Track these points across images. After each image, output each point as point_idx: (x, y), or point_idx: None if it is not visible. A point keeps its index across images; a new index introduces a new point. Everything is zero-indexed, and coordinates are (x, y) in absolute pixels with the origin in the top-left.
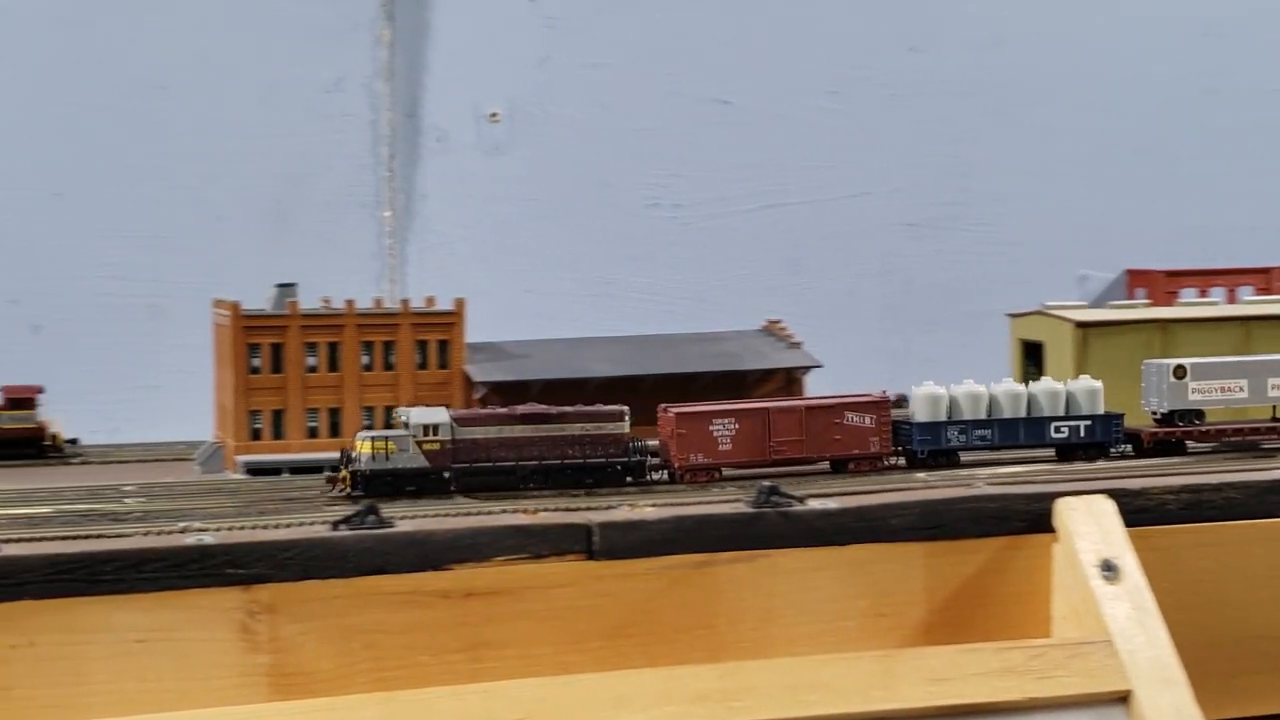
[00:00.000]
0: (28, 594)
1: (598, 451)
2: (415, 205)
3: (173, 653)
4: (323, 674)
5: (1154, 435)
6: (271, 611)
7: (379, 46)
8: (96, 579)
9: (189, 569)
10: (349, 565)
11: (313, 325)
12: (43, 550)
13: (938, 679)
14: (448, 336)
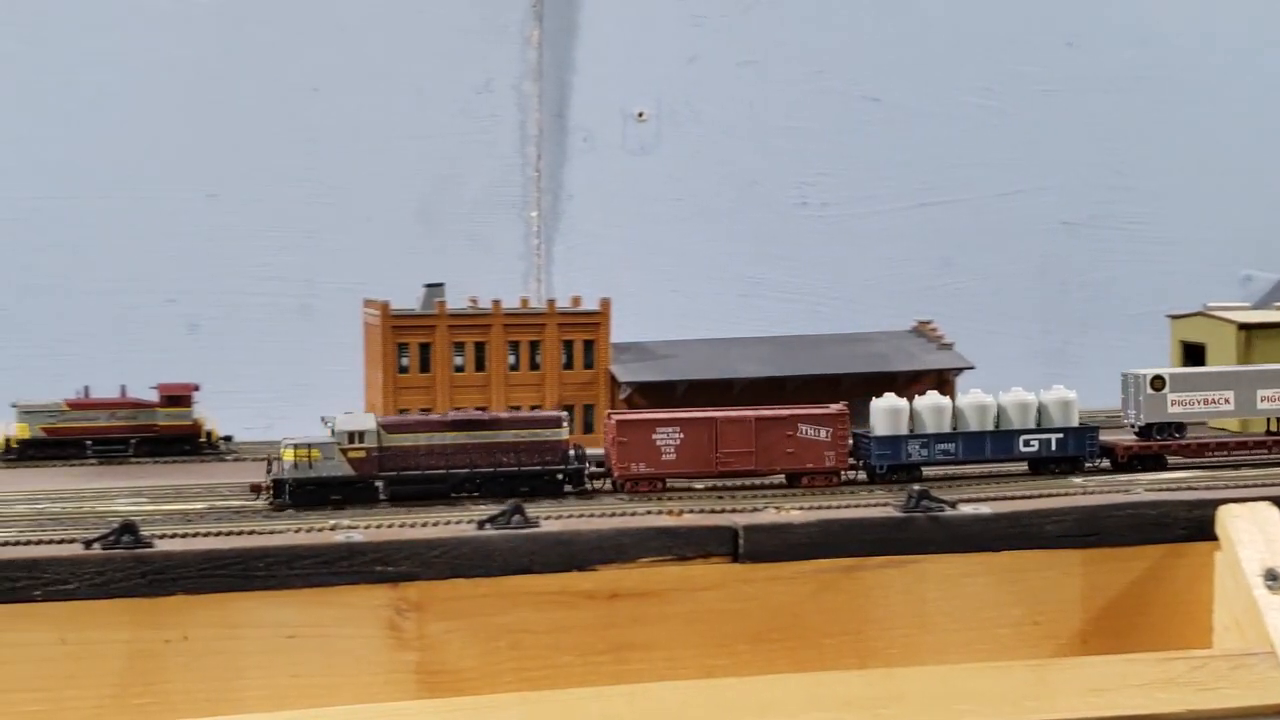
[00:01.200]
0: (183, 589)
1: (533, 459)
2: (562, 205)
3: (323, 648)
4: (468, 672)
5: (1129, 450)
6: (419, 609)
7: (528, 47)
8: (249, 575)
9: (338, 566)
10: (495, 564)
11: (460, 325)
12: (197, 546)
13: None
14: (593, 336)
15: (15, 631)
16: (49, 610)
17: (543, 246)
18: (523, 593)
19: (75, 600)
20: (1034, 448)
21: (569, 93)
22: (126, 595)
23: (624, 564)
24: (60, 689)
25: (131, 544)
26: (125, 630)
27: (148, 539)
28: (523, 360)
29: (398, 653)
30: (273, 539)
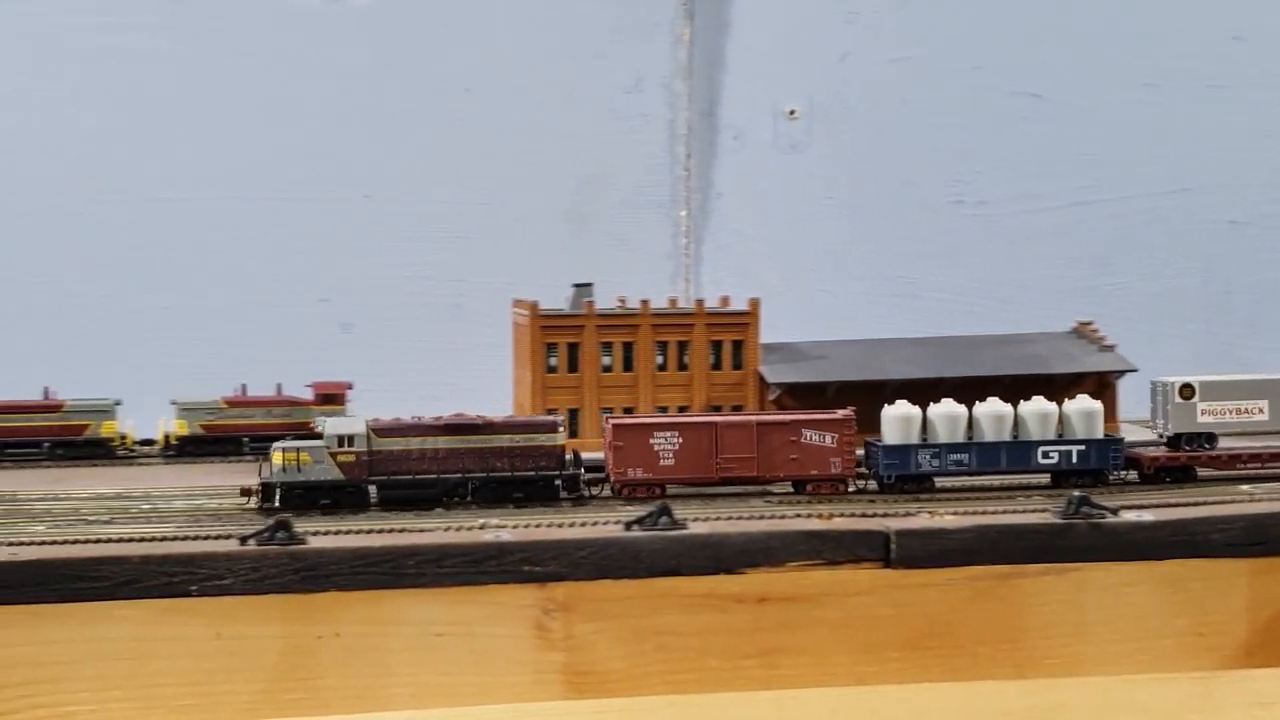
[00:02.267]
0: (334, 585)
1: (528, 464)
2: (711, 204)
3: (471, 647)
4: (615, 674)
5: (1156, 461)
6: (566, 610)
7: (678, 45)
8: (399, 573)
9: (487, 565)
10: (642, 566)
11: (608, 325)
12: (349, 543)
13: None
14: (742, 336)
15: (171, 626)
16: (204, 605)
17: (691, 246)
18: (670, 595)
19: (230, 596)
20: (1053, 459)
21: (719, 90)
22: (280, 591)
23: (773, 567)
24: (214, 683)
25: (285, 540)
26: (278, 626)
27: (301, 535)
28: (670, 360)
29: (545, 653)
30: (422, 537)
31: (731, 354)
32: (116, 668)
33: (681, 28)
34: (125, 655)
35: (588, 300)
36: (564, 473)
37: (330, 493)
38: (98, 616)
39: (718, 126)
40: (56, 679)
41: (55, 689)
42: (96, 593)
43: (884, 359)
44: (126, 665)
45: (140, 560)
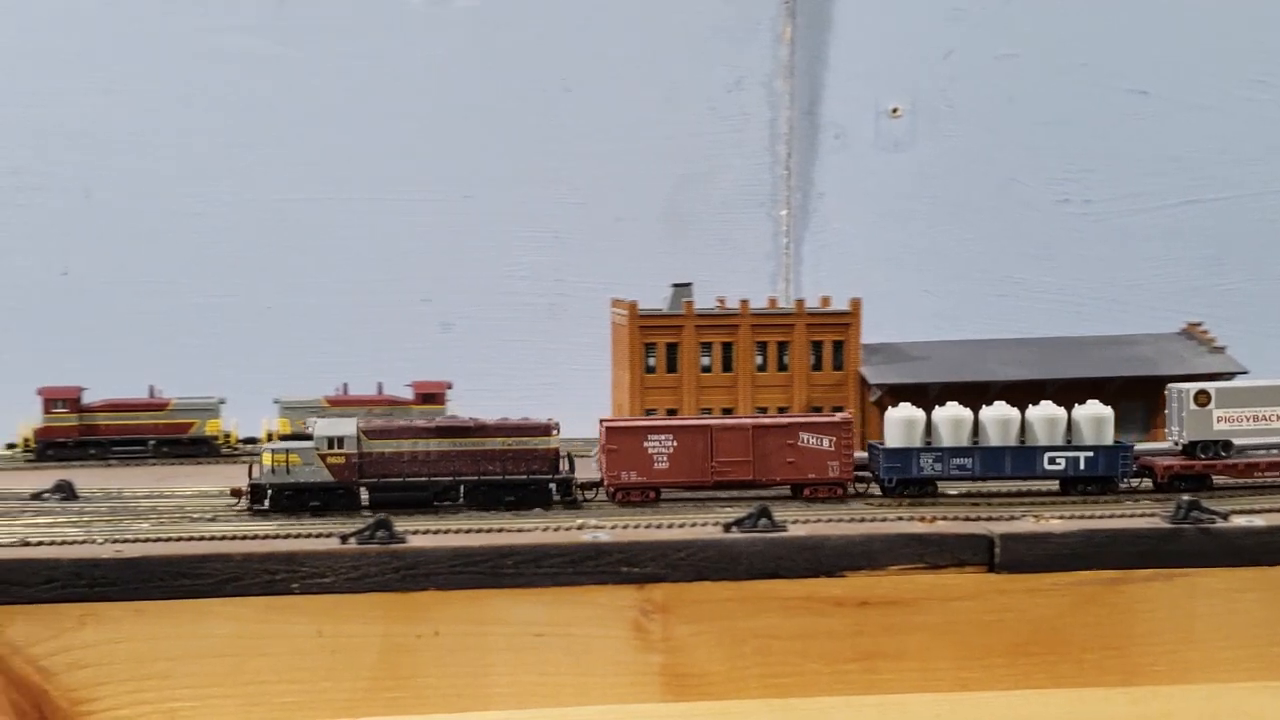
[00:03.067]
0: (434, 585)
1: (520, 468)
2: (812, 204)
3: (569, 648)
4: (714, 676)
5: (1169, 469)
6: (664, 611)
7: (780, 44)
8: (498, 572)
9: (585, 565)
10: (741, 568)
11: (707, 325)
12: (448, 543)
13: None
14: (843, 337)
15: (274, 623)
16: (306, 603)
17: (792, 245)
18: (769, 597)
19: (331, 594)
20: (1060, 465)
21: (821, 89)
22: (380, 590)
23: (874, 571)
24: (316, 680)
25: (385, 539)
26: (378, 624)
27: (401, 535)
28: (770, 361)
29: (643, 654)
30: (520, 537)
31: (832, 355)
32: (219, 664)
33: (783, 26)
34: (228, 652)
35: (687, 300)
36: (556, 476)
37: (320, 495)
38: (201, 614)
39: (819, 125)
40: (161, 675)
41: (160, 685)
42: (200, 590)
43: (988, 360)
44: (229, 662)
45: (243, 558)
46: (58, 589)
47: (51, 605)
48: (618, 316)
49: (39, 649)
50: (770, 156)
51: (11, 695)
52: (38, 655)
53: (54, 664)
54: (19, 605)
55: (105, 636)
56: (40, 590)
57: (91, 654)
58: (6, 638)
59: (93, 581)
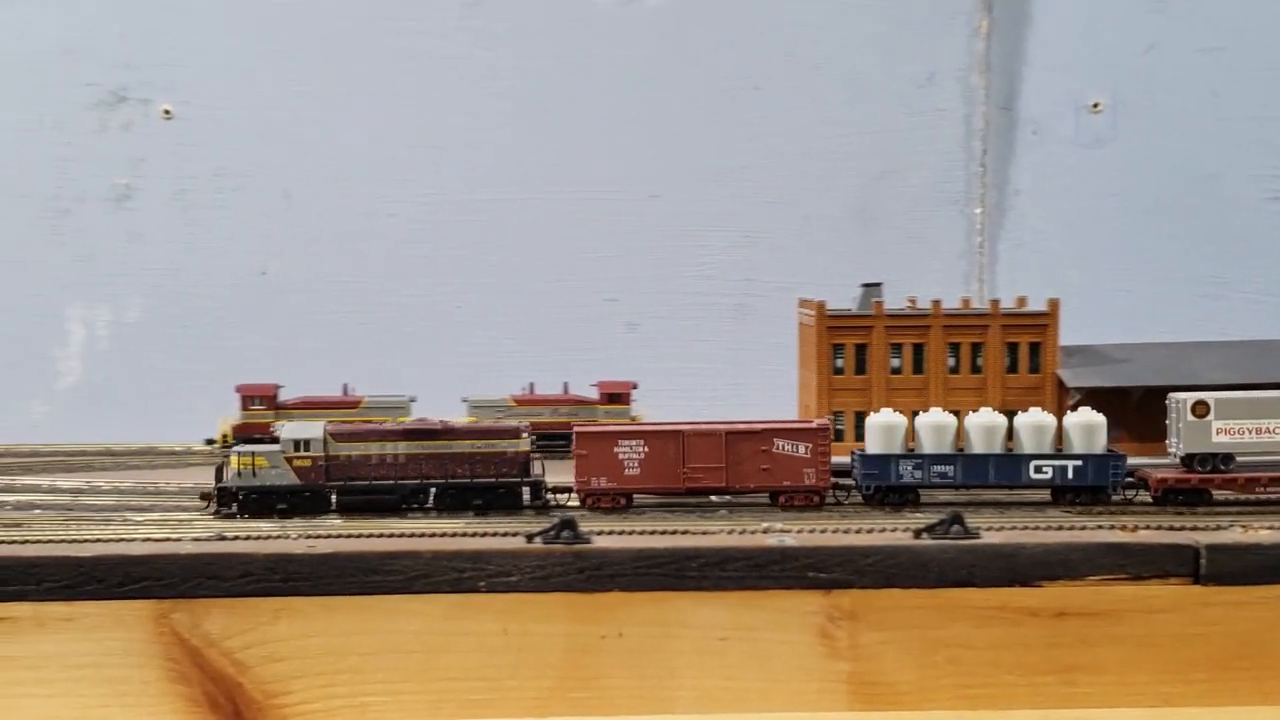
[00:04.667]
0: (618, 586)
1: (489, 471)
2: (1007, 201)
3: (754, 652)
4: (904, 686)
5: (1163, 481)
6: (852, 618)
7: (975, 38)
8: (682, 574)
9: (770, 570)
10: (932, 575)
11: (898, 325)
12: (632, 544)
13: None
14: (1040, 339)
15: (461, 621)
16: (492, 601)
17: (986, 244)
18: (961, 606)
19: (517, 593)
20: (1047, 474)
21: (1018, 83)
22: (564, 590)
23: (1072, 581)
24: (502, 679)
25: (571, 540)
26: (563, 624)
27: (586, 535)
28: (963, 363)
29: (830, 661)
30: (705, 539)
31: (1028, 357)
32: (409, 661)
33: (979, 19)
34: (417, 649)
35: (877, 300)
36: (525, 480)
37: (286, 498)
38: (391, 610)
39: (1016, 121)
40: (352, 670)
41: (351, 680)
42: (390, 587)
43: (1194, 363)
44: (418, 659)
45: (431, 555)
46: (253, 583)
47: (246, 599)
48: (805, 317)
49: (234, 642)
50: (965, 153)
51: (207, 687)
52: (233, 648)
53: (248, 657)
54: (215, 599)
55: (298, 631)
56: (236, 584)
57: (285, 648)
58: (203, 630)
59: (286, 576)
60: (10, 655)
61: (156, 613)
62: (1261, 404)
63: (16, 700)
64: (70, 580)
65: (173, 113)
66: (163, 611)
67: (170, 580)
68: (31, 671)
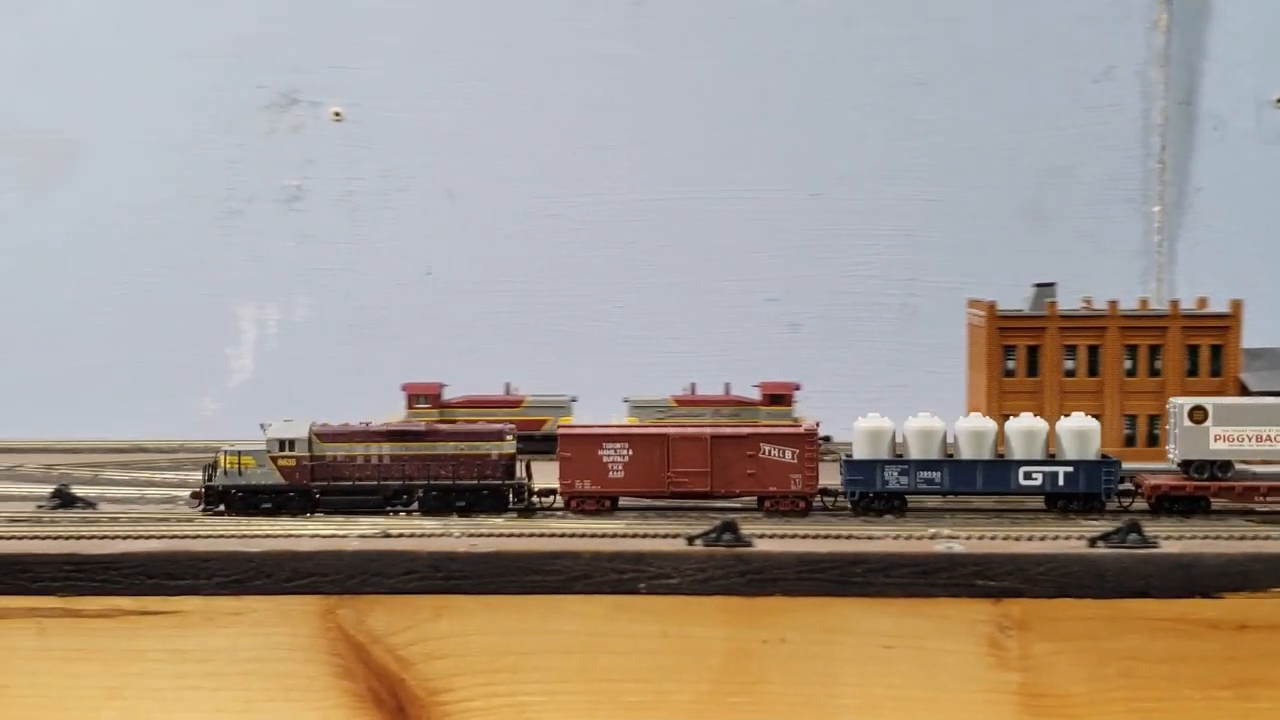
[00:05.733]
0: (780, 590)
1: (472, 473)
2: (1187, 199)
3: (920, 661)
4: (1075, 698)
5: (1156, 488)
6: (1022, 628)
7: (1154, 31)
8: (846, 580)
9: (937, 577)
10: (1107, 585)
11: (1072, 327)
12: (795, 548)
13: None
14: (1222, 341)
15: (620, 622)
16: (652, 604)
17: (1164, 243)
18: (1136, 617)
19: (677, 595)
20: (1036, 481)
21: (1198, 78)
22: (725, 593)
23: (1254, 593)
24: (661, 681)
25: (732, 542)
26: (723, 628)
27: (747, 538)
28: (1140, 366)
29: (999, 672)
30: (870, 545)
31: (1209, 360)
32: (568, 661)
33: (1159, 13)
34: (576, 649)
35: (1050, 300)
36: (507, 482)
37: (271, 496)
38: (551, 610)
39: (1196, 116)
40: (511, 669)
41: (511, 679)
42: (550, 586)
43: None
44: (577, 659)
45: (592, 556)
46: (416, 580)
47: (409, 596)
48: (974, 317)
49: (397, 639)
50: (1142, 149)
51: (371, 683)
52: (396, 645)
53: (411, 654)
54: (379, 595)
55: (459, 628)
56: (399, 581)
57: (446, 645)
58: (367, 626)
59: (449, 574)
60: (180, 649)
61: (322, 608)
62: (1261, 411)
63: (185, 693)
64: (239, 575)
65: (342, 115)
66: (328, 607)
67: (336, 576)
68: (200, 665)
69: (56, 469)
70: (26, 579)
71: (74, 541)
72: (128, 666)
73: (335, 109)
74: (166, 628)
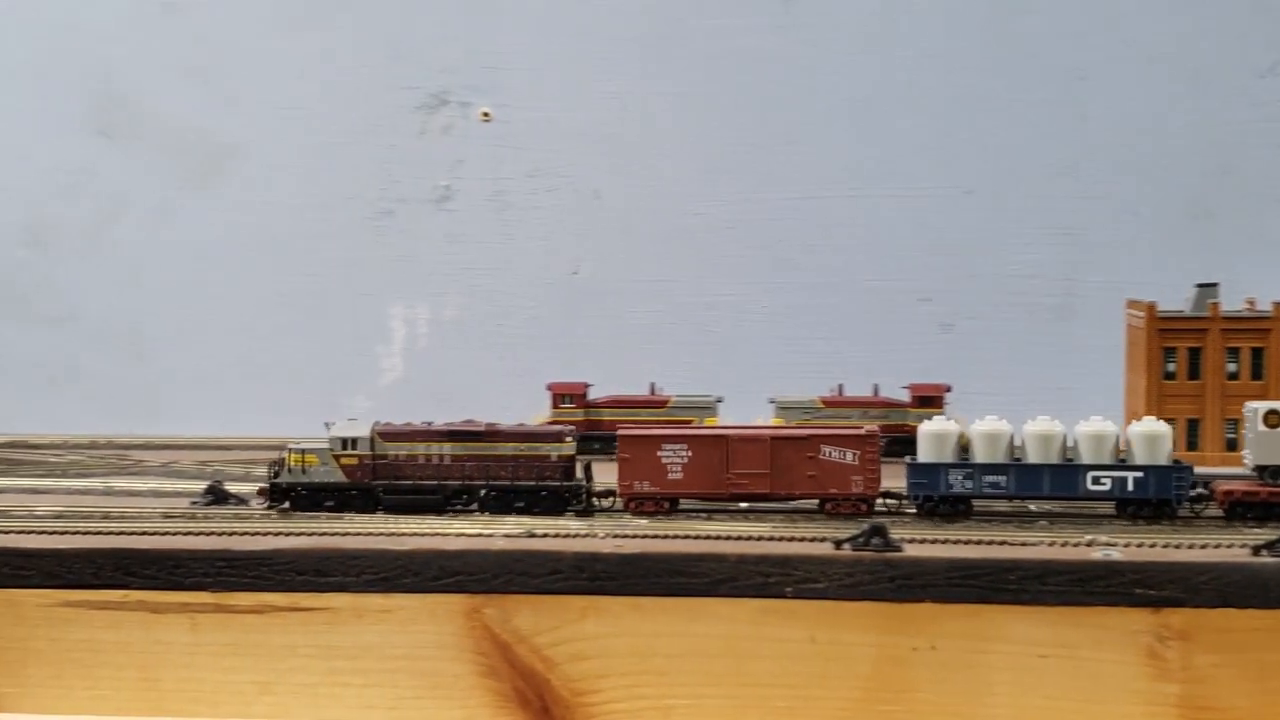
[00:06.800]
0: (930, 597)
1: (530, 474)
2: None
3: (1075, 671)
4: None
5: (1229, 494)
6: (1183, 638)
7: None
8: (999, 587)
9: (1095, 585)
10: (1272, 596)
11: (1235, 328)
12: (946, 554)
13: None
14: None
15: (767, 626)
16: (799, 608)
17: None
18: None
19: (824, 600)
20: (1106, 486)
21: None
22: (874, 599)
23: None
24: (809, 687)
25: (881, 547)
26: (872, 634)
27: (897, 543)
28: None
29: (1158, 683)
30: (1025, 551)
31: None
32: (715, 665)
33: None
34: (723, 653)
35: (1212, 301)
36: (566, 484)
37: (333, 495)
38: (697, 612)
39: None
40: (658, 672)
41: (657, 681)
42: (695, 589)
43: None
44: (724, 663)
45: (737, 559)
46: (561, 581)
47: (555, 596)
48: (1134, 318)
49: (543, 639)
50: None
51: (516, 683)
52: (541, 645)
53: (557, 654)
54: (525, 595)
55: (605, 630)
56: (544, 581)
57: (592, 646)
58: (513, 626)
59: (593, 575)
60: (330, 645)
61: (468, 607)
62: None
63: (335, 689)
64: (387, 573)
65: (491, 115)
66: (474, 606)
67: (482, 575)
68: (350, 661)
69: (210, 465)
70: (180, 574)
71: (226, 538)
72: (279, 662)
73: (484, 109)
74: (317, 624)
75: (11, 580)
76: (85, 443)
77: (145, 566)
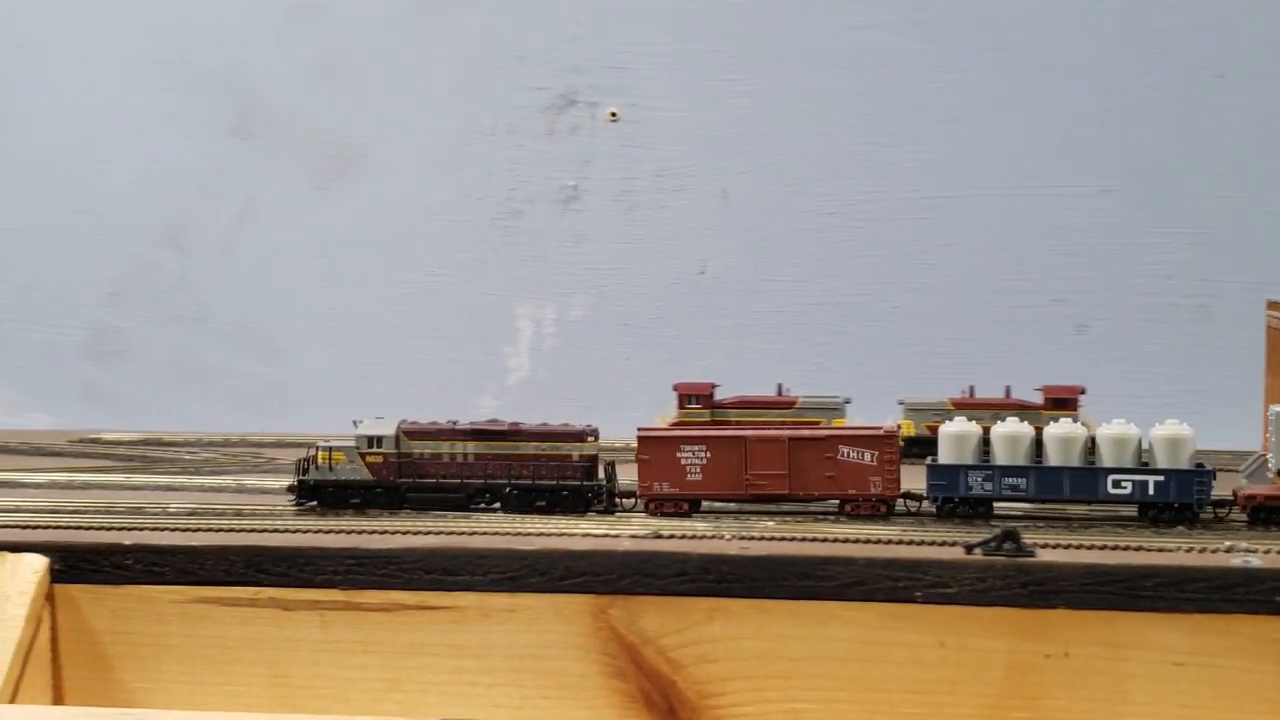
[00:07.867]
0: (1064, 603)
1: (553, 474)
2: None
3: (1213, 680)
4: None
5: (1252, 499)
6: None
7: None
8: (1135, 594)
9: (1233, 593)
10: None
11: None
12: (1080, 559)
13: None
14: None
15: (896, 631)
16: (928, 613)
17: None
18: None
19: (954, 605)
20: (1126, 490)
21: None
22: (1006, 604)
23: None
24: (938, 694)
25: (1013, 552)
26: (1003, 640)
27: (1029, 548)
28: None
29: None
30: (1161, 558)
31: None
32: (843, 669)
33: None
34: (851, 657)
35: None
36: (589, 483)
37: (359, 492)
38: (825, 616)
39: None
40: (784, 675)
41: (783, 685)
42: (823, 592)
43: None
44: (852, 668)
45: (866, 562)
46: (687, 582)
47: (681, 598)
48: (1274, 320)
49: (669, 640)
50: None
51: (642, 684)
52: (667, 646)
53: (683, 656)
54: (651, 596)
55: (731, 632)
56: (670, 582)
57: (718, 649)
58: (639, 627)
59: (720, 577)
60: (457, 644)
61: (595, 608)
62: None
63: (463, 688)
64: (513, 572)
65: (618, 115)
66: (600, 607)
67: (608, 576)
68: (477, 660)
69: None
70: (310, 572)
71: (355, 536)
72: (407, 660)
73: (611, 109)
74: (444, 622)
75: (146, 577)
76: (219, 440)
77: (276, 564)
